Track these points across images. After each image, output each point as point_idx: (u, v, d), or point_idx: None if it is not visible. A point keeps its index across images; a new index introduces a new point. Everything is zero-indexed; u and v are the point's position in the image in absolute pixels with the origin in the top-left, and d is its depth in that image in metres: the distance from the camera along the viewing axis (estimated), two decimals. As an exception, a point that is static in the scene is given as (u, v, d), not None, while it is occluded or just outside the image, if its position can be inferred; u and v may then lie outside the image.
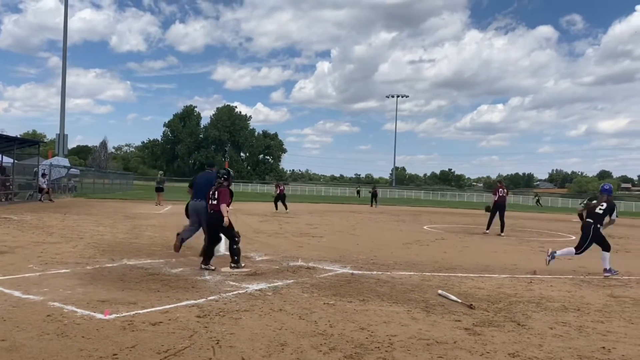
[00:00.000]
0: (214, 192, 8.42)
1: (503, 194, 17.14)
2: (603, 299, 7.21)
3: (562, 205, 67.65)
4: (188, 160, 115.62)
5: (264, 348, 4.40)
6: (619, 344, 5.01)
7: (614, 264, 10.63)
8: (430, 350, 4.56)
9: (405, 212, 32.23)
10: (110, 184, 44.89)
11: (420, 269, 9.17)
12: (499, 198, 16.97)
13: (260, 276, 7.72)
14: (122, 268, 7.94)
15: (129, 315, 5.21)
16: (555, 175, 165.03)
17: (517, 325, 5.56)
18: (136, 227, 14.54)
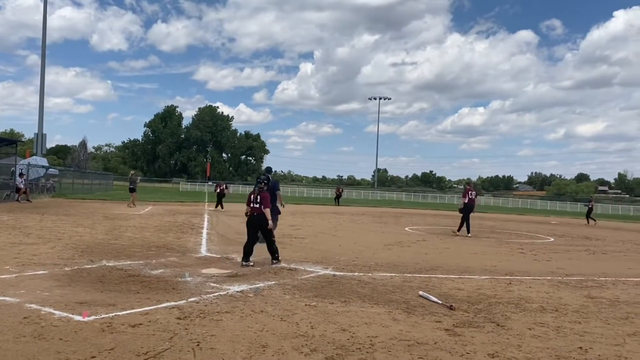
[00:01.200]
0: (256, 196, 8.99)
1: (472, 197, 17.44)
2: (580, 300, 7.33)
3: (541, 208, 68.61)
4: (169, 160, 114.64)
5: (245, 350, 4.39)
6: (596, 344, 5.10)
7: (589, 266, 10.83)
8: (411, 351, 4.58)
9: (387, 213, 32.37)
10: (89, 184, 44.28)
11: (401, 270, 9.21)
12: (469, 200, 17.31)
13: (241, 277, 7.69)
14: (101, 269, 7.83)
15: (108, 317, 5.15)
16: (534, 178, 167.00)
17: (497, 326, 5.62)
18: (116, 228, 14.38)
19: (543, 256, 12.63)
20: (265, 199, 8.98)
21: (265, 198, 8.98)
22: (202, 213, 23.14)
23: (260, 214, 8.91)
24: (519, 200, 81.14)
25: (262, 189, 9.05)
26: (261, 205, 8.93)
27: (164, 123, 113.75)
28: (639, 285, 8.87)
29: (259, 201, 8.95)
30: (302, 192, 79.64)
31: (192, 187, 75.90)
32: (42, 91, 37.99)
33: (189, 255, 9.81)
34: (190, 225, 16.30)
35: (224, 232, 14.84)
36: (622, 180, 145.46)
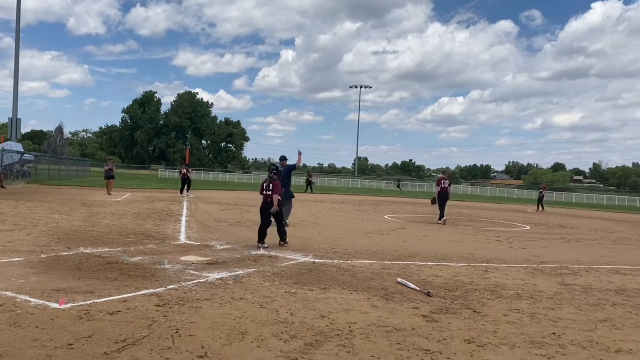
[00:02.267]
0: (268, 184, 9.89)
1: (445, 185, 17.71)
2: (554, 286, 7.49)
3: (518, 196, 69.63)
4: (147, 147, 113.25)
5: (224, 337, 4.40)
6: (569, 329, 5.22)
7: (564, 254, 11.06)
8: (389, 337, 4.64)
9: (366, 201, 32.54)
10: (66, 171, 43.58)
11: (380, 257, 9.29)
12: (442, 189, 17.61)
13: (221, 265, 7.68)
14: (79, 256, 7.75)
15: (86, 304, 5.10)
16: (511, 167, 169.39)
17: (473, 312, 5.72)
18: (93, 214, 14.20)
19: (519, 244, 12.85)
20: (276, 186, 9.85)
21: (276, 185, 9.85)
22: (181, 200, 22.98)
23: (271, 200, 9.73)
24: (496, 189, 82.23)
25: (272, 178, 9.92)
26: (272, 191, 9.78)
27: (142, 109, 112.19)
28: (611, 272, 9.09)
29: (271, 188, 9.82)
30: (282, 180, 79.43)
31: (171, 174, 75.21)
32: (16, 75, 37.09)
33: (168, 242, 9.75)
34: (169, 213, 16.18)
35: (203, 219, 14.77)
36: (597, 170, 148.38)
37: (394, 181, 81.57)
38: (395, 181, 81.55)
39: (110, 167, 25.08)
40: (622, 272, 9.19)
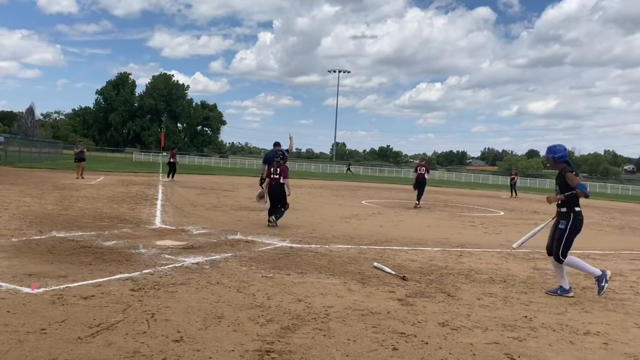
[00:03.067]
0: (276, 168, 10.78)
1: (421, 171, 18.25)
2: (527, 271, 7.64)
3: (493, 182, 70.62)
4: (122, 129, 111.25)
5: (200, 321, 4.38)
6: (540, 313, 5.34)
7: (537, 239, 11.22)
8: (364, 320, 4.69)
9: (344, 187, 32.63)
10: (38, 153, 42.71)
11: (357, 242, 9.35)
12: (418, 175, 18.23)
13: (197, 249, 7.63)
14: (51, 240, 7.61)
15: (59, 289, 5.03)
16: (487, 153, 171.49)
17: (447, 296, 5.81)
18: (66, 198, 13.95)
19: (493, 229, 13.06)
20: (284, 171, 10.79)
21: (284, 170, 10.79)
22: (157, 184, 22.73)
23: (280, 184, 10.73)
24: (472, 175, 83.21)
25: (279, 163, 10.82)
26: (280, 176, 10.73)
27: (116, 91, 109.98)
28: (581, 257, 9.29)
29: (279, 173, 10.75)
30: (260, 165, 79.23)
31: (146, 157, 74.27)
32: (-16, 54, 35.97)
33: (143, 226, 9.64)
34: (144, 196, 16.00)
35: (179, 203, 14.64)
36: (570, 157, 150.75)
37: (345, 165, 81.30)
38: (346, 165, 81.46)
39: (80, 150, 24.16)
40: (592, 257, 9.41)
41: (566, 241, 6.17)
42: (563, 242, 6.17)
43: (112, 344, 3.74)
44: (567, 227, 6.16)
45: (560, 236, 6.22)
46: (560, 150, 6.34)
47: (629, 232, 14.91)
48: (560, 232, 6.22)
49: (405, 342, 4.18)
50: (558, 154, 6.31)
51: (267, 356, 3.70)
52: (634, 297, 6.34)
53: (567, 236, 6.16)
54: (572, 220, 6.16)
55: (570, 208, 6.17)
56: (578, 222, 6.17)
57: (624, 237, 13.52)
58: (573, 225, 6.15)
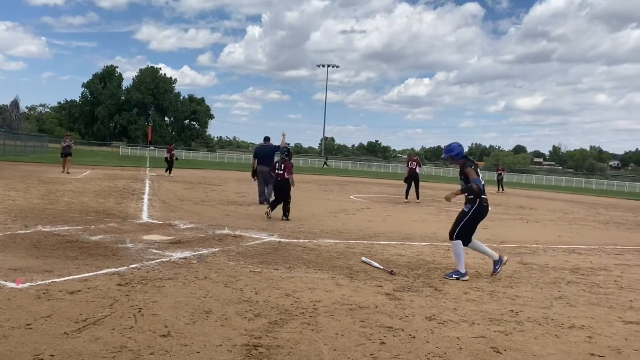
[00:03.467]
0: (280, 164, 11.36)
1: (412, 166, 18.72)
2: (513, 265, 7.71)
3: (480, 178, 71.02)
4: (108, 123, 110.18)
5: (188, 316, 4.37)
6: (526, 307, 5.40)
7: (523, 234, 11.37)
8: (352, 314, 4.71)
9: (333, 181, 32.65)
10: (22, 146, 42.23)
11: (345, 237, 9.37)
12: (409, 170, 18.76)
13: (184, 244, 7.60)
14: (37, 235, 7.54)
15: (44, 283, 4.98)
16: (474, 149, 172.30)
17: (435, 290, 5.84)
18: (52, 192, 13.81)
19: (480, 224, 13.12)
20: (288, 167, 11.33)
21: (288, 167, 11.32)
22: (144, 178, 22.58)
23: (285, 179, 11.21)
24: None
25: (284, 159, 11.41)
26: (285, 171, 11.23)
27: (103, 84, 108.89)
28: (567, 252, 9.42)
29: (283, 169, 11.30)
30: (248, 159, 78.94)
31: (133, 151, 73.75)
32: (-32, 45, 35.42)
33: (130, 221, 9.58)
34: (131, 191, 15.89)
35: (166, 197, 14.56)
36: (557, 153, 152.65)
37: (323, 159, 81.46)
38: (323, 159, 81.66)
39: (68, 144, 23.61)
40: (578, 251, 9.53)
41: (465, 223, 6.60)
42: (462, 223, 6.60)
43: (99, 339, 3.72)
44: (470, 211, 6.59)
45: (461, 217, 6.64)
46: (456, 148, 6.84)
47: (614, 227, 15.10)
48: (462, 214, 6.64)
49: (393, 336, 4.20)
50: (455, 152, 6.80)
51: (255, 351, 3.70)
52: (618, 291, 6.42)
53: (468, 219, 6.60)
54: (476, 205, 6.58)
55: (477, 196, 6.59)
56: (482, 209, 6.60)
57: (609, 232, 13.69)
58: (477, 210, 6.58)
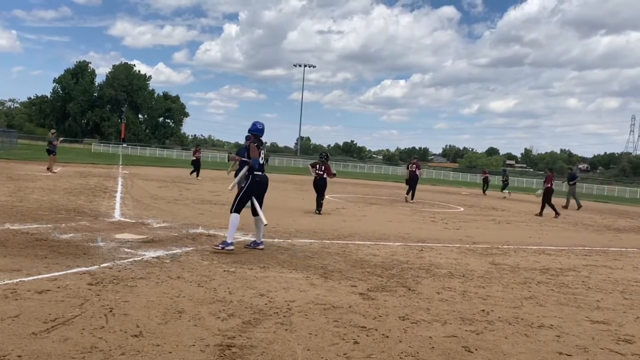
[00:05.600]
0: (320, 166, 13.87)
1: (412, 169, 20.20)
2: (485, 266, 7.83)
3: (453, 179, 71.95)
4: (81, 120, 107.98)
5: (160, 315, 4.32)
6: (497, 307, 5.49)
7: (494, 235, 11.53)
8: (326, 314, 4.72)
9: (308, 181, 32.62)
10: (-10, 142, 41.10)
11: (320, 236, 9.38)
12: (410, 172, 20.34)
13: (157, 243, 7.51)
14: (4, 233, 7.35)
15: (12, 282, 4.87)
16: (448, 151, 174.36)
17: (408, 290, 5.89)
18: (21, 189, 13.49)
19: (453, 225, 13.31)
20: (328, 169, 13.90)
21: (328, 168, 13.86)
22: (116, 176, 22.22)
23: (323, 179, 13.69)
24: (433, 172, 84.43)
25: (323, 162, 13.86)
26: (324, 172, 13.69)
27: (75, 79, 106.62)
28: (537, 253, 9.60)
29: (323, 170, 13.70)
30: (223, 158, 78.36)
31: (106, 149, 72.52)
32: None
33: (102, 219, 9.42)
34: (103, 189, 15.62)
35: (139, 196, 14.36)
36: (528, 155, 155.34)
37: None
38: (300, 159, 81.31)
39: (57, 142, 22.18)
40: (547, 252, 9.73)
41: (241, 197, 7.42)
42: (238, 198, 7.42)
43: (68, 339, 3.65)
44: (245, 187, 7.45)
45: (238, 193, 7.51)
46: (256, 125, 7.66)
47: (582, 229, 15.45)
48: (240, 190, 7.56)
49: (366, 336, 4.22)
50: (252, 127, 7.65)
51: (229, 351, 3.68)
52: (586, 292, 6.58)
53: (243, 194, 7.42)
54: (249, 182, 7.45)
55: (251, 172, 7.47)
56: (255, 184, 7.47)
57: (578, 234, 14.00)
58: (250, 186, 7.43)
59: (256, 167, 7.42)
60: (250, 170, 7.49)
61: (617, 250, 10.98)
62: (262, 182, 7.55)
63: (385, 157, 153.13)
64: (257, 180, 7.46)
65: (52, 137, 22.53)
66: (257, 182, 7.47)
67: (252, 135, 7.70)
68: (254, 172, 7.45)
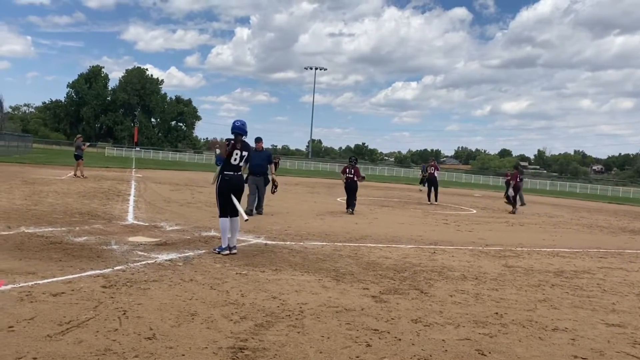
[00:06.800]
0: (350, 169, 14.76)
1: (432, 171, 20.99)
2: (498, 268, 7.77)
3: (466, 181, 71.55)
4: (94, 124, 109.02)
5: (173, 318, 4.34)
6: (510, 309, 5.44)
7: (508, 237, 11.44)
8: (338, 317, 4.71)
9: (320, 184, 32.66)
10: (6, 147, 41.61)
11: (332, 239, 9.38)
12: (429, 175, 21.17)
13: (170, 246, 7.55)
14: (20, 236, 7.44)
15: (27, 285, 4.92)
16: (460, 152, 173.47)
17: (421, 293, 5.87)
18: (36, 192, 13.65)
19: (465, 227, 13.23)
20: (357, 172, 14.79)
21: (357, 171, 14.81)
22: (129, 179, 22.40)
23: (354, 181, 14.60)
24: (445, 174, 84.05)
25: (353, 166, 14.86)
26: (354, 175, 14.62)
27: (88, 84, 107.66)
28: (551, 255, 9.51)
29: (353, 173, 14.62)
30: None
31: (119, 152, 73.17)
32: (-50, 44, 34.90)
33: (115, 222, 9.50)
34: (116, 192, 15.75)
35: (152, 199, 14.46)
36: (541, 157, 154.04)
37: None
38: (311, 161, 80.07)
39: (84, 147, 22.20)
40: (562, 254, 9.63)
41: (217, 200, 7.51)
42: (217, 202, 7.52)
43: (83, 341, 3.68)
44: (216, 187, 7.56)
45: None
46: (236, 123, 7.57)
47: (597, 231, 15.28)
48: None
49: (379, 339, 4.21)
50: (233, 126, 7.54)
51: (241, 353, 3.69)
52: (601, 294, 6.50)
53: (217, 195, 7.51)
54: (218, 181, 7.50)
55: (220, 172, 7.50)
56: (222, 184, 7.40)
57: (592, 236, 13.85)
58: (218, 185, 7.46)
59: (217, 164, 7.44)
60: (221, 169, 7.49)
61: (632, 252, 10.84)
62: (230, 182, 7.39)
63: (397, 159, 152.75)
64: (225, 179, 7.38)
65: (80, 142, 22.65)
66: (224, 182, 7.37)
67: (233, 134, 7.53)
68: (224, 171, 7.40)
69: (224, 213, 7.35)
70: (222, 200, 7.40)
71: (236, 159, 7.42)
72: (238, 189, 7.55)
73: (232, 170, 7.43)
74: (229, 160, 7.39)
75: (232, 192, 7.42)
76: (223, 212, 7.36)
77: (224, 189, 7.40)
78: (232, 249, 7.31)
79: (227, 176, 7.40)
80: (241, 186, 7.70)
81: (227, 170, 7.41)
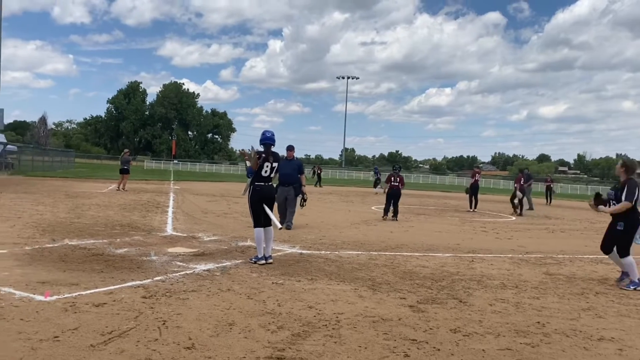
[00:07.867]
0: (395, 177, 15.37)
1: (477, 178, 21.06)
2: (539, 276, 7.57)
3: (504, 187, 70.16)
4: (133, 138, 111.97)
5: (212, 328, 4.39)
6: (553, 318, 5.29)
7: (548, 244, 11.15)
8: (375, 327, 4.67)
9: (354, 192, 32.58)
10: (50, 162, 43.06)
11: (367, 248, 9.33)
12: (474, 181, 20.95)
13: (208, 256, 7.65)
14: (64, 248, 7.68)
15: (71, 296, 5.06)
16: (497, 158, 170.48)
17: (459, 302, 5.77)
18: (78, 206, 14.07)
19: (504, 234, 12.97)
20: (402, 179, 15.57)
21: (401, 179, 15.54)
22: (168, 192, 22.84)
23: (398, 189, 15.22)
24: (482, 180, 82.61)
25: (397, 174, 15.58)
26: (399, 183, 15.27)
27: (127, 99, 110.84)
28: (594, 262, 9.22)
29: (398, 181, 15.27)
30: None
31: (157, 165, 74.78)
32: (-2, 64, 36.42)
33: (155, 234, 9.70)
34: (155, 204, 16.09)
35: (189, 210, 14.70)
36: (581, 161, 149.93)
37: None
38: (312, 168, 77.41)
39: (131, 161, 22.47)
40: (605, 261, 9.30)
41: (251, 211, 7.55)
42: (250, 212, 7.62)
43: (124, 351, 3.76)
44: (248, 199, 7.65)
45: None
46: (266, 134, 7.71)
47: (643, 237, 14.72)
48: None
49: (417, 349, 4.16)
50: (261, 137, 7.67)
51: (278, 363, 3.69)
52: (649, 302, 6.26)
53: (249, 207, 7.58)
54: (250, 192, 7.57)
55: (252, 183, 7.56)
56: (254, 194, 7.49)
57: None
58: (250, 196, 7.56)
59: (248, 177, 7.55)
60: (252, 180, 7.57)
61: (682, 258, 10.39)
62: (261, 192, 7.45)
63: (432, 167, 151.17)
64: (256, 190, 7.46)
65: (127, 157, 23.46)
66: (256, 192, 7.45)
67: (263, 145, 7.58)
68: (255, 182, 7.48)
69: (258, 223, 7.42)
70: (256, 211, 7.47)
71: (267, 171, 7.48)
72: (269, 198, 7.63)
73: (263, 181, 7.50)
74: (259, 172, 7.45)
75: (263, 202, 7.49)
76: (257, 222, 7.43)
77: (255, 200, 7.47)
78: (268, 259, 7.35)
79: (259, 187, 7.48)
80: (272, 196, 7.77)
81: (258, 181, 7.49)
